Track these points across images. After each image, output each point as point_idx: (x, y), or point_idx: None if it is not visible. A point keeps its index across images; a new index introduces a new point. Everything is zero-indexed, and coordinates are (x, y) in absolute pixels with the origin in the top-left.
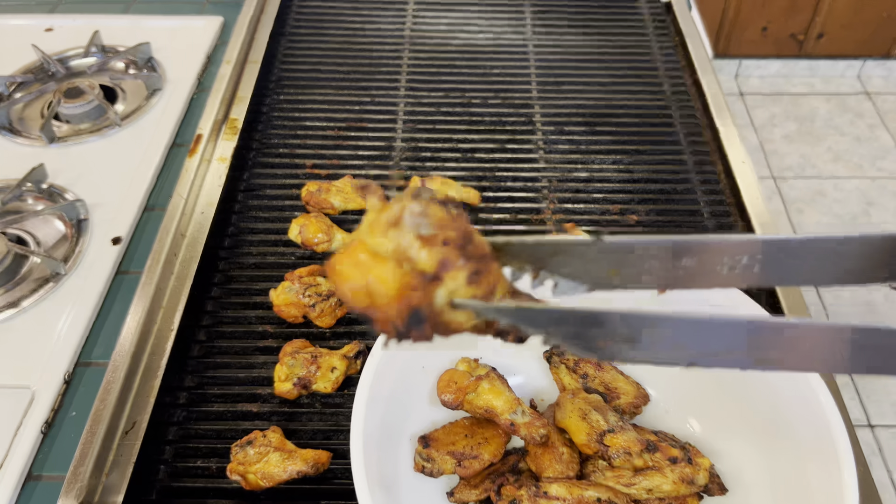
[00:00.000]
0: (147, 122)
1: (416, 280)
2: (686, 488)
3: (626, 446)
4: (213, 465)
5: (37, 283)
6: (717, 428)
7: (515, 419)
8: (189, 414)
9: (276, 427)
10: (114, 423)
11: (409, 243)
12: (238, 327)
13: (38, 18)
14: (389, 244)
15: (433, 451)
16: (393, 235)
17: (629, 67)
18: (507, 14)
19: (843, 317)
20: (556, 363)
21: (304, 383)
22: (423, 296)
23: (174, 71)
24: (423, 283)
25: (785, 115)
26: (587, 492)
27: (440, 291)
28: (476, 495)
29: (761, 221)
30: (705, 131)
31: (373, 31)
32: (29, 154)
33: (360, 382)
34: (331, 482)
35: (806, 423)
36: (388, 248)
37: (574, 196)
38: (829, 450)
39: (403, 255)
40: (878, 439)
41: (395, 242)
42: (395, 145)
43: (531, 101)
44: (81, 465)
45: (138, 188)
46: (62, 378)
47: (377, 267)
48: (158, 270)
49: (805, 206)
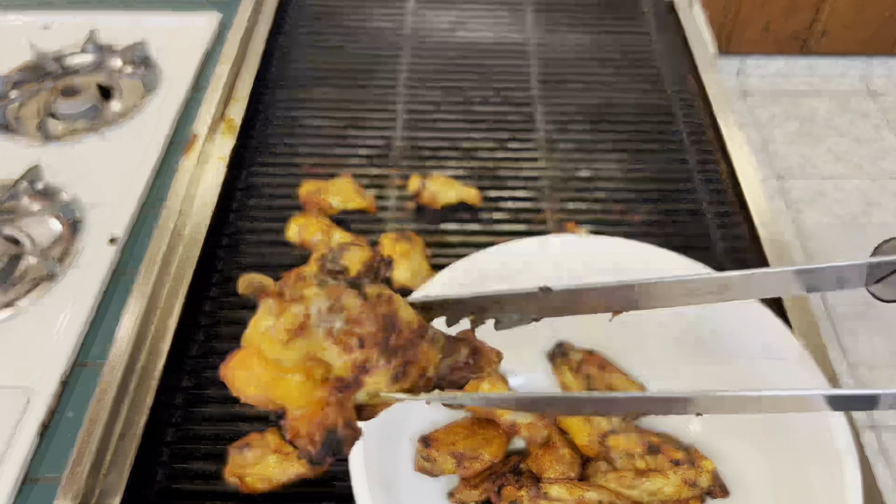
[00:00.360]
0: (144, 121)
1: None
2: (688, 491)
3: (628, 448)
4: (211, 468)
5: (32, 283)
6: (719, 429)
7: (517, 419)
8: (186, 415)
9: (274, 429)
10: (111, 424)
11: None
12: (236, 328)
13: (35, 15)
14: (294, 354)
15: (434, 451)
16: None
17: (631, 65)
18: (507, 12)
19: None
20: (558, 364)
21: None
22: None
23: (171, 69)
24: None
25: (786, 115)
26: (588, 493)
27: (361, 393)
28: (476, 496)
29: (763, 221)
30: (708, 131)
31: (372, 29)
32: (25, 153)
33: None
34: (330, 484)
35: (809, 425)
36: (293, 359)
37: (576, 195)
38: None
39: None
40: (881, 440)
41: (301, 350)
42: (395, 144)
43: (532, 100)
44: (78, 467)
45: (135, 187)
46: (59, 379)
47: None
48: (155, 270)
49: (806, 206)
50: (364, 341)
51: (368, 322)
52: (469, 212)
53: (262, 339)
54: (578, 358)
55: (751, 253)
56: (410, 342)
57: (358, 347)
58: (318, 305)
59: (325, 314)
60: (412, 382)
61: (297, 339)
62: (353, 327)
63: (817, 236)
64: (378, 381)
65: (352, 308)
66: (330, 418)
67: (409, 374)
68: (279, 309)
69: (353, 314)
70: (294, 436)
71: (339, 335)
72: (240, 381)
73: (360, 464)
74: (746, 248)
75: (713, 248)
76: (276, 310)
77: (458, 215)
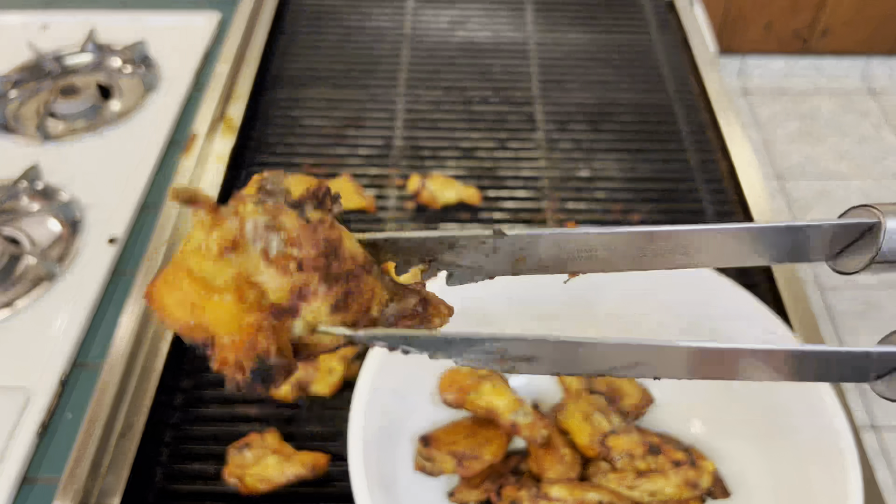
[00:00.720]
0: (143, 121)
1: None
2: (689, 491)
3: (628, 448)
4: (211, 468)
5: (32, 283)
6: (720, 430)
7: (517, 420)
8: (186, 416)
9: (273, 429)
10: (110, 425)
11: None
12: None
13: (35, 15)
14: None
15: (434, 450)
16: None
17: (631, 65)
18: (507, 11)
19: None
20: None
21: (301, 385)
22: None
23: (171, 68)
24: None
25: (787, 114)
26: (588, 494)
27: (297, 323)
28: (476, 496)
29: (764, 220)
30: (709, 130)
31: (372, 28)
32: (24, 153)
33: (360, 380)
34: (330, 485)
35: (810, 425)
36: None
37: (576, 195)
38: (833, 452)
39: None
40: (882, 441)
41: (234, 267)
42: (394, 144)
43: (532, 99)
44: (78, 468)
45: (135, 187)
46: (58, 379)
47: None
48: (155, 270)
49: (808, 206)
50: (303, 264)
51: (308, 244)
52: (469, 212)
53: (193, 254)
54: None
55: None
56: (353, 273)
57: (296, 270)
58: (254, 221)
59: (262, 231)
60: (354, 317)
61: (230, 256)
62: (292, 249)
63: None
64: (316, 309)
65: (291, 228)
66: (261, 344)
67: (350, 307)
68: (212, 222)
69: (291, 235)
70: (222, 364)
71: (276, 256)
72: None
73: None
74: None
75: None
76: (208, 223)
77: (458, 215)
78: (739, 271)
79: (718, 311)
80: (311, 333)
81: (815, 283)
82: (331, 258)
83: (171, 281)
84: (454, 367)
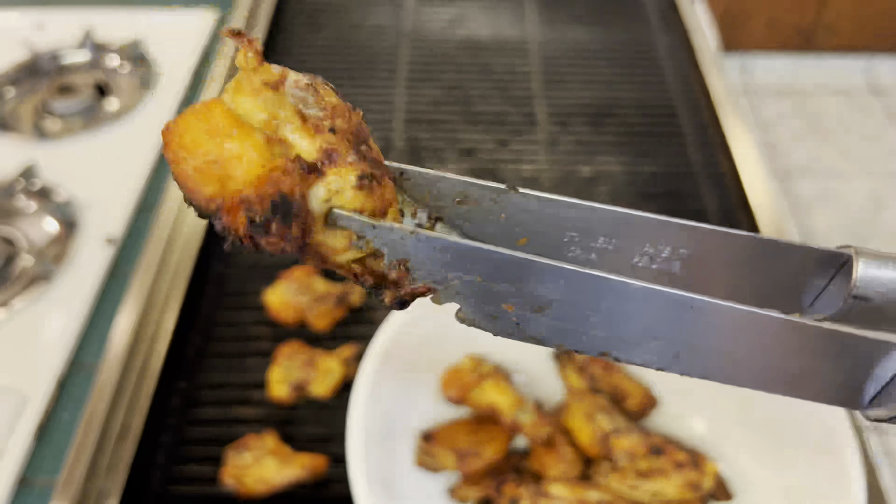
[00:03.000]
0: (141, 119)
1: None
2: (691, 493)
3: (630, 449)
4: (208, 470)
5: (28, 283)
6: (723, 431)
7: (519, 418)
8: (183, 417)
9: (272, 431)
10: (107, 426)
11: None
12: (233, 329)
13: (31, 13)
14: (261, 112)
15: (435, 446)
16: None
17: (633, 63)
18: (508, 8)
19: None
20: (563, 363)
21: (300, 386)
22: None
23: (168, 66)
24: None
25: (791, 113)
26: (589, 493)
27: (319, 188)
28: (477, 493)
29: (767, 220)
30: (711, 129)
31: (371, 26)
32: (21, 152)
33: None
34: (329, 487)
35: (813, 428)
36: (259, 118)
37: (577, 194)
38: (836, 454)
39: (276, 134)
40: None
41: (270, 111)
42: (394, 143)
43: (533, 98)
44: (75, 469)
45: (132, 187)
46: (55, 380)
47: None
48: (152, 271)
49: (812, 205)
50: (336, 130)
51: (343, 119)
52: None
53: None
54: (583, 358)
55: None
56: (379, 163)
57: (329, 131)
58: (296, 78)
59: (302, 88)
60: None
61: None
62: (327, 116)
63: (823, 236)
64: (342, 177)
65: (328, 100)
66: (287, 184)
67: (373, 193)
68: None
69: (329, 105)
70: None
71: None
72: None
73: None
74: None
75: None
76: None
77: None
78: None
79: None
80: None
81: None
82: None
83: (201, 112)
84: (457, 365)
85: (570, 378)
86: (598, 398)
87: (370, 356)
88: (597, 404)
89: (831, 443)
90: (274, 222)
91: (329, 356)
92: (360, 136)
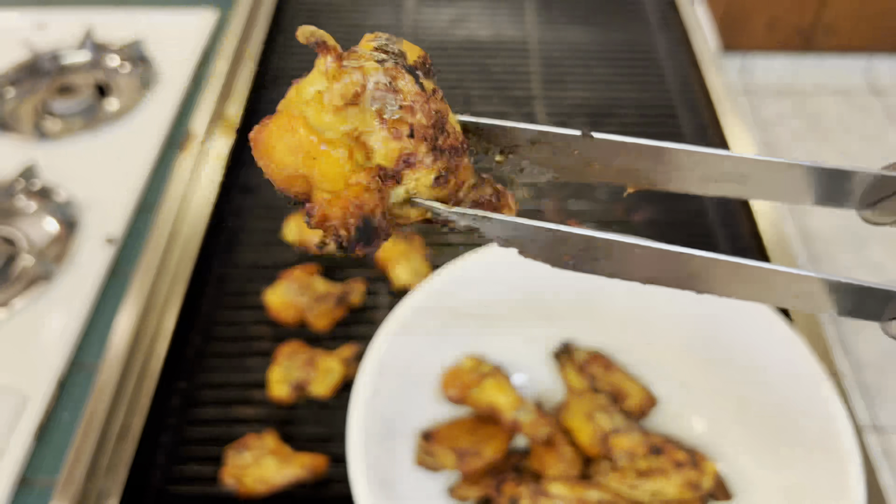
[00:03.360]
0: (141, 119)
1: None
2: (690, 492)
3: (630, 448)
4: (209, 470)
5: (29, 283)
6: (723, 431)
7: (519, 417)
8: (183, 417)
9: (272, 431)
10: (107, 426)
11: (368, 127)
12: (233, 329)
13: (31, 13)
14: (343, 124)
15: (435, 445)
16: (349, 115)
17: (633, 63)
18: (508, 8)
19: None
20: (563, 363)
21: (300, 386)
22: (377, 200)
23: (168, 66)
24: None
25: (791, 113)
26: (589, 492)
27: (399, 189)
28: (476, 492)
29: (766, 221)
30: (711, 129)
31: (371, 26)
32: (21, 152)
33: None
34: (329, 487)
35: (812, 427)
36: (340, 130)
37: (577, 194)
38: (835, 454)
39: (357, 141)
40: (885, 443)
41: (351, 123)
42: None
43: (533, 98)
44: (75, 469)
45: (132, 186)
46: (56, 380)
47: (322, 155)
48: (152, 271)
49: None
50: (414, 132)
51: (422, 113)
52: None
53: (310, 102)
54: (583, 358)
55: (754, 253)
56: (455, 150)
57: (407, 136)
58: (375, 80)
59: (382, 91)
60: (447, 193)
61: (350, 109)
62: (406, 115)
63: (822, 237)
64: (419, 179)
65: (407, 94)
66: (369, 204)
67: (448, 183)
68: (336, 73)
69: (407, 100)
70: (322, 219)
71: (391, 120)
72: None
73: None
74: (750, 248)
75: (716, 248)
76: (332, 73)
77: None
78: None
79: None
80: (404, 203)
81: None
82: (438, 130)
83: (284, 126)
84: (458, 364)
85: (570, 378)
86: (597, 398)
87: (371, 355)
88: (597, 404)
89: (831, 442)
90: (358, 246)
91: (329, 356)
92: (439, 124)
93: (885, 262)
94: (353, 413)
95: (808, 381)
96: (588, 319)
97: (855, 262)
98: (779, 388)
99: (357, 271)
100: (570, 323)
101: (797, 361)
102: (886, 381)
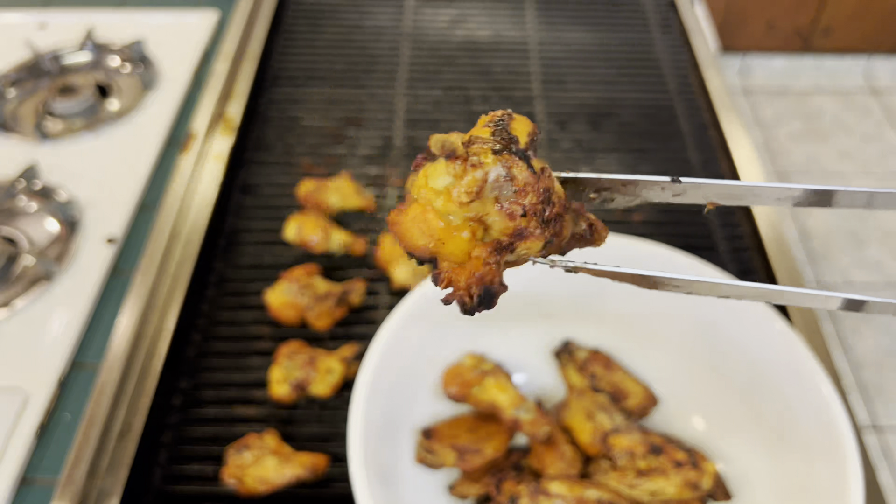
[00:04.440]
0: (142, 119)
1: (489, 250)
2: (690, 492)
3: (630, 448)
4: (209, 469)
5: (30, 283)
6: (723, 431)
7: (519, 416)
8: (184, 416)
9: (272, 430)
10: (108, 425)
11: (488, 211)
12: (233, 329)
13: (32, 14)
14: (466, 212)
15: (435, 443)
16: (473, 205)
17: (632, 63)
18: (508, 9)
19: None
20: (564, 362)
21: (300, 386)
22: (494, 275)
23: (169, 67)
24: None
25: (790, 113)
26: (588, 491)
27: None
28: (476, 490)
29: (765, 221)
30: (710, 129)
31: (371, 27)
32: (22, 152)
33: (360, 375)
34: (329, 486)
35: (812, 427)
36: (464, 216)
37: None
38: (835, 454)
39: (478, 221)
40: (884, 442)
41: (474, 212)
42: (394, 143)
43: (533, 98)
44: (76, 469)
45: (133, 186)
46: (56, 380)
47: (448, 237)
48: (153, 271)
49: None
50: (526, 211)
51: (533, 194)
52: None
53: (440, 195)
54: (584, 357)
55: (753, 252)
56: (560, 215)
57: (521, 216)
58: (495, 174)
59: (500, 182)
60: (553, 250)
61: (473, 203)
62: (520, 198)
63: (821, 236)
64: (530, 247)
65: (520, 180)
66: (488, 276)
67: (554, 244)
68: (462, 172)
69: (521, 186)
70: (447, 284)
71: (508, 205)
72: (410, 229)
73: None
74: (749, 248)
75: (716, 248)
76: (459, 172)
77: None
78: (740, 269)
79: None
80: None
81: (817, 281)
82: (546, 204)
83: (416, 215)
84: (459, 363)
85: (571, 377)
86: (598, 397)
87: (371, 353)
88: (597, 403)
89: (830, 442)
90: (478, 310)
91: (329, 356)
92: (547, 199)
93: (883, 262)
94: (353, 410)
95: (808, 381)
96: (589, 318)
97: (854, 262)
98: (778, 387)
99: (357, 271)
100: (571, 322)
101: (797, 361)
102: (885, 380)
